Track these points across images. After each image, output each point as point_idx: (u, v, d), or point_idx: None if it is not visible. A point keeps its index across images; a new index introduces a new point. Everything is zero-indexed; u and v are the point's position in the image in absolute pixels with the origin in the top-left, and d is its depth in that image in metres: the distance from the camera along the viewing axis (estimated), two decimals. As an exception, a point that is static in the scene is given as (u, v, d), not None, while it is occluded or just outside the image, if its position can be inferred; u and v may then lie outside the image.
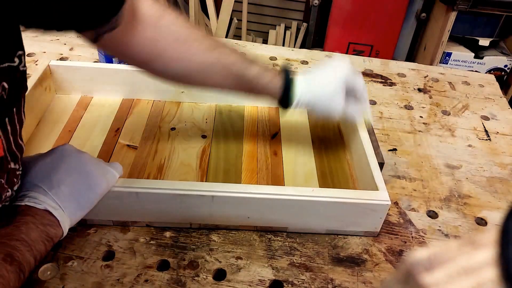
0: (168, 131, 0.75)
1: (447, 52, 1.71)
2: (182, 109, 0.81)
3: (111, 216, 0.58)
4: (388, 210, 0.59)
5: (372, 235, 0.61)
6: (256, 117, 0.80)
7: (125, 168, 0.67)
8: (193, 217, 0.59)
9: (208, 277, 0.54)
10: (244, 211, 0.58)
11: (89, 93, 0.81)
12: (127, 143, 0.72)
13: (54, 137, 0.72)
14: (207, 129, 0.77)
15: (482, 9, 1.58)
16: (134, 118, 0.78)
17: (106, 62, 0.86)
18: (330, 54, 1.05)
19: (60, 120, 0.75)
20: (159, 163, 0.69)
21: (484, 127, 0.86)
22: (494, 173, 0.74)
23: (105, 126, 0.75)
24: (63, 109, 0.78)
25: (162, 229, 0.60)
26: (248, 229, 0.60)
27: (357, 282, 0.56)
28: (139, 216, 0.59)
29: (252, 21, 2.09)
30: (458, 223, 0.65)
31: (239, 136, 0.76)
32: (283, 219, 0.59)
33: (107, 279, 0.53)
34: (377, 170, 0.61)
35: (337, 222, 0.60)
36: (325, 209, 0.58)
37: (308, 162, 0.72)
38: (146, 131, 0.75)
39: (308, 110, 0.69)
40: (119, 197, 0.56)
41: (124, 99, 0.81)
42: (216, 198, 0.56)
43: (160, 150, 0.71)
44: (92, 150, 0.70)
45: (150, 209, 0.58)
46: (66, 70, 0.78)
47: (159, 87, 0.80)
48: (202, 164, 0.69)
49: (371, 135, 0.69)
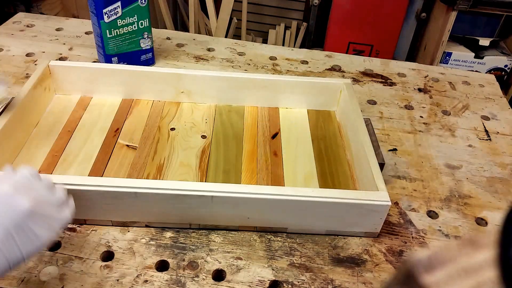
0: (168, 131, 0.75)
1: (447, 52, 1.71)
2: (182, 109, 0.80)
3: (110, 216, 0.58)
4: (388, 210, 0.59)
5: (372, 236, 0.61)
6: (256, 117, 0.80)
7: (124, 168, 0.67)
8: (192, 217, 0.59)
9: (208, 277, 0.54)
10: (243, 212, 0.58)
11: (89, 93, 0.81)
12: (127, 143, 0.72)
13: (53, 137, 0.72)
14: (207, 129, 0.77)
15: (482, 9, 1.58)
16: (133, 118, 0.77)
17: (106, 62, 0.86)
18: (331, 54, 1.05)
19: (60, 120, 0.75)
20: (158, 163, 0.69)
21: (484, 127, 0.86)
22: (494, 173, 0.74)
23: (105, 126, 0.75)
24: (62, 109, 0.78)
25: (161, 229, 0.60)
26: (248, 230, 0.60)
27: (357, 283, 0.55)
28: (138, 216, 0.59)
29: (252, 21, 2.09)
30: (459, 223, 0.65)
31: (239, 136, 0.76)
32: (283, 220, 0.59)
33: (106, 279, 0.53)
34: (378, 170, 0.61)
35: (337, 223, 0.60)
36: (325, 210, 0.58)
37: (308, 163, 0.71)
38: (146, 131, 0.75)
39: None
40: (119, 197, 0.56)
41: (123, 99, 0.81)
42: (215, 198, 0.56)
43: (159, 150, 0.71)
44: (91, 150, 0.70)
45: (150, 209, 0.57)
46: (66, 70, 0.78)
47: (158, 87, 0.80)
48: (201, 165, 0.69)
49: (372, 135, 0.69)
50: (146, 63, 0.92)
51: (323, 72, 0.98)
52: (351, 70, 1.00)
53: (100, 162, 0.68)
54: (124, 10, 0.83)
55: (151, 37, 0.90)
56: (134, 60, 0.90)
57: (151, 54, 0.92)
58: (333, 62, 1.02)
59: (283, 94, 0.81)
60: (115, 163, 0.68)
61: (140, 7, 0.85)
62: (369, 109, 0.88)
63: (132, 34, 0.87)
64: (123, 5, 0.82)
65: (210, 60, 0.99)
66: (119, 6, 0.82)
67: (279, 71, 0.97)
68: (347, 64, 1.02)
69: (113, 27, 0.83)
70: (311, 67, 1.00)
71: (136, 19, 0.85)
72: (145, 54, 0.91)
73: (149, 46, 0.91)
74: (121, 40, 0.86)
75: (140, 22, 0.86)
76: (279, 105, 0.83)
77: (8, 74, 0.89)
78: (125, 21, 0.84)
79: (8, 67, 0.90)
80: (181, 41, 1.05)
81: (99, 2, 0.79)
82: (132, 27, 0.86)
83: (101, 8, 0.80)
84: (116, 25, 0.83)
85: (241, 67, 0.97)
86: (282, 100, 0.82)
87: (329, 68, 1.00)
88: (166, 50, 1.01)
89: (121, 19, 0.83)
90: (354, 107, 0.74)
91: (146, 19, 0.87)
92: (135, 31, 0.87)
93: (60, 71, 0.78)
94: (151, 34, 0.90)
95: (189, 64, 0.96)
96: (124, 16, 0.83)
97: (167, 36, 1.06)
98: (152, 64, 0.94)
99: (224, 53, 1.02)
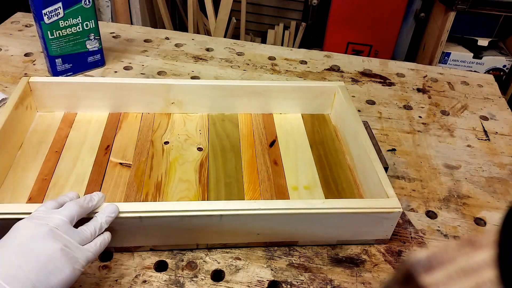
0: (162, 146, 0.72)
1: (446, 52, 1.71)
2: (174, 121, 0.77)
3: (112, 243, 0.52)
4: (399, 217, 0.58)
5: (383, 243, 0.61)
6: (251, 125, 0.78)
7: (120, 189, 0.64)
8: (200, 238, 0.57)
9: (207, 277, 0.54)
10: (253, 228, 0.56)
11: (73, 109, 0.76)
12: (120, 161, 0.68)
13: (41, 159, 0.67)
14: (202, 140, 0.74)
15: (481, 9, 1.58)
16: (123, 133, 0.73)
17: (50, 63, 0.85)
18: (329, 54, 1.05)
19: (45, 140, 0.70)
20: (156, 181, 0.65)
21: (483, 127, 0.86)
22: (493, 173, 0.74)
23: (94, 144, 0.71)
24: (46, 128, 0.73)
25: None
26: (258, 246, 0.59)
27: (356, 283, 0.55)
28: (143, 240, 0.56)
29: (251, 21, 2.09)
30: (457, 223, 0.65)
31: (236, 146, 0.73)
32: (294, 233, 0.58)
33: (105, 280, 0.53)
34: (385, 176, 0.60)
35: (348, 232, 0.58)
36: (337, 221, 0.56)
37: (310, 170, 0.70)
38: (138, 147, 0.71)
39: None
40: (121, 223, 0.52)
41: (110, 113, 0.77)
42: (224, 217, 0.54)
43: (155, 166, 0.68)
44: (83, 171, 0.66)
45: (155, 232, 0.55)
46: (47, 86, 0.73)
47: (147, 99, 0.76)
48: (201, 179, 0.67)
49: (372, 139, 0.68)
50: (95, 65, 0.91)
51: (322, 72, 0.98)
52: (350, 70, 1.00)
53: (93, 183, 0.64)
54: (66, 11, 0.81)
55: (98, 38, 0.89)
56: (80, 62, 0.89)
57: (100, 55, 0.91)
58: (332, 62, 1.02)
59: (276, 100, 0.79)
60: (110, 183, 0.64)
61: (84, 8, 0.84)
62: (367, 109, 0.88)
63: (77, 36, 0.85)
64: (64, 6, 0.81)
65: (208, 60, 0.99)
66: (60, 7, 0.80)
67: (278, 71, 0.97)
68: (346, 64, 1.02)
69: (55, 28, 0.82)
70: (310, 67, 1.00)
71: (81, 20, 0.84)
72: (92, 55, 0.90)
73: (96, 48, 0.89)
74: (64, 42, 0.84)
75: (85, 24, 0.85)
76: (273, 111, 0.81)
77: (6, 74, 0.88)
78: (68, 23, 0.83)
79: (7, 67, 0.90)
80: (180, 41, 1.05)
81: (38, 3, 0.78)
82: (76, 29, 0.84)
83: (40, 9, 0.78)
84: (58, 26, 0.82)
85: (240, 67, 0.97)
86: (275, 105, 0.80)
87: (328, 68, 1.00)
88: (164, 50, 1.01)
89: (64, 20, 0.82)
90: (351, 110, 0.73)
91: (92, 21, 0.86)
92: (79, 33, 0.85)
93: (41, 87, 0.73)
94: (98, 36, 0.89)
95: (188, 64, 0.96)
96: (67, 17, 0.82)
97: (166, 36, 1.06)
98: (101, 66, 0.92)
99: (223, 53, 1.02)
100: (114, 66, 0.93)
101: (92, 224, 0.49)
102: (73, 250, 0.44)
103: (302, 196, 0.66)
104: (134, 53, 0.99)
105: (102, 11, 1.84)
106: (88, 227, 0.48)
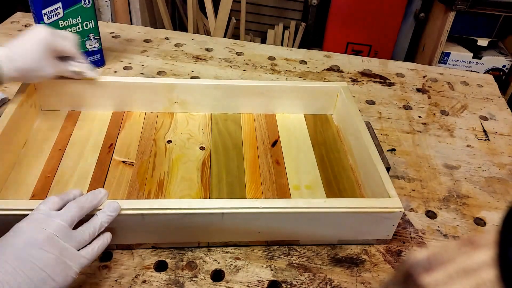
0: (165, 144, 0.72)
1: (446, 52, 1.71)
2: (176, 120, 0.78)
3: (113, 240, 0.53)
4: (401, 217, 0.58)
5: (384, 243, 0.61)
6: (253, 125, 0.78)
7: (123, 186, 0.64)
8: (201, 236, 0.57)
9: (206, 277, 0.54)
10: (255, 227, 0.56)
11: (77, 107, 0.77)
12: (123, 160, 0.69)
13: (44, 157, 0.68)
14: (205, 140, 0.74)
15: (480, 9, 1.58)
16: (127, 132, 0.74)
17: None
18: (329, 54, 1.05)
19: (49, 138, 0.71)
20: (158, 179, 0.66)
21: (482, 127, 0.86)
22: (492, 173, 0.74)
23: (97, 142, 0.71)
24: (50, 126, 0.73)
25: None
26: (259, 244, 0.59)
27: (355, 283, 0.55)
28: (144, 238, 0.56)
29: (251, 21, 2.09)
30: (457, 223, 0.65)
31: (238, 145, 0.74)
32: (295, 232, 0.58)
33: (104, 280, 0.53)
34: (386, 176, 0.60)
35: (350, 232, 0.58)
36: (338, 220, 0.56)
37: (312, 170, 0.70)
38: (141, 146, 0.72)
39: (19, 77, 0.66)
40: (123, 220, 0.52)
41: (114, 112, 0.78)
42: (226, 215, 0.54)
43: (158, 165, 0.68)
44: (86, 168, 0.67)
45: (157, 230, 0.55)
46: (51, 84, 0.73)
47: (150, 98, 0.77)
48: (204, 178, 0.67)
49: (374, 139, 0.68)
50: (94, 65, 0.90)
51: (321, 72, 0.98)
52: (349, 70, 1.00)
53: (96, 181, 0.65)
54: (66, 11, 0.81)
55: (98, 38, 0.89)
56: None
57: (99, 55, 0.91)
58: (331, 62, 1.02)
59: (278, 100, 0.80)
60: (113, 181, 0.65)
61: (84, 8, 0.83)
62: (367, 109, 0.88)
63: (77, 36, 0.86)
64: (64, 6, 0.80)
65: (208, 60, 0.99)
66: (60, 7, 0.80)
67: (277, 71, 0.97)
68: (346, 64, 1.02)
69: (55, 28, 0.82)
70: (310, 67, 1.00)
71: (80, 20, 0.84)
72: (92, 55, 0.90)
73: (96, 48, 0.89)
74: None
75: (84, 24, 0.85)
76: (275, 111, 0.81)
77: (6, 74, 0.88)
78: (68, 23, 0.83)
79: (6, 67, 0.90)
80: (180, 41, 1.05)
81: (37, 3, 0.78)
82: (76, 29, 0.84)
83: (40, 9, 0.78)
84: (57, 26, 0.81)
85: (239, 67, 0.97)
86: (278, 106, 0.81)
87: (328, 68, 1.00)
88: (164, 50, 1.01)
89: (63, 20, 0.82)
90: (354, 111, 0.73)
91: (92, 20, 0.86)
92: (79, 33, 0.85)
93: (46, 86, 0.73)
94: (98, 36, 0.88)
95: (188, 64, 0.96)
96: (67, 17, 0.82)
97: (166, 36, 1.06)
98: (101, 66, 0.93)
99: (223, 53, 1.02)
100: (113, 66, 0.93)
101: (91, 224, 0.49)
102: (68, 258, 0.45)
103: (303, 196, 0.66)
104: (134, 53, 0.99)
105: (102, 11, 1.84)
106: (87, 227, 0.48)
